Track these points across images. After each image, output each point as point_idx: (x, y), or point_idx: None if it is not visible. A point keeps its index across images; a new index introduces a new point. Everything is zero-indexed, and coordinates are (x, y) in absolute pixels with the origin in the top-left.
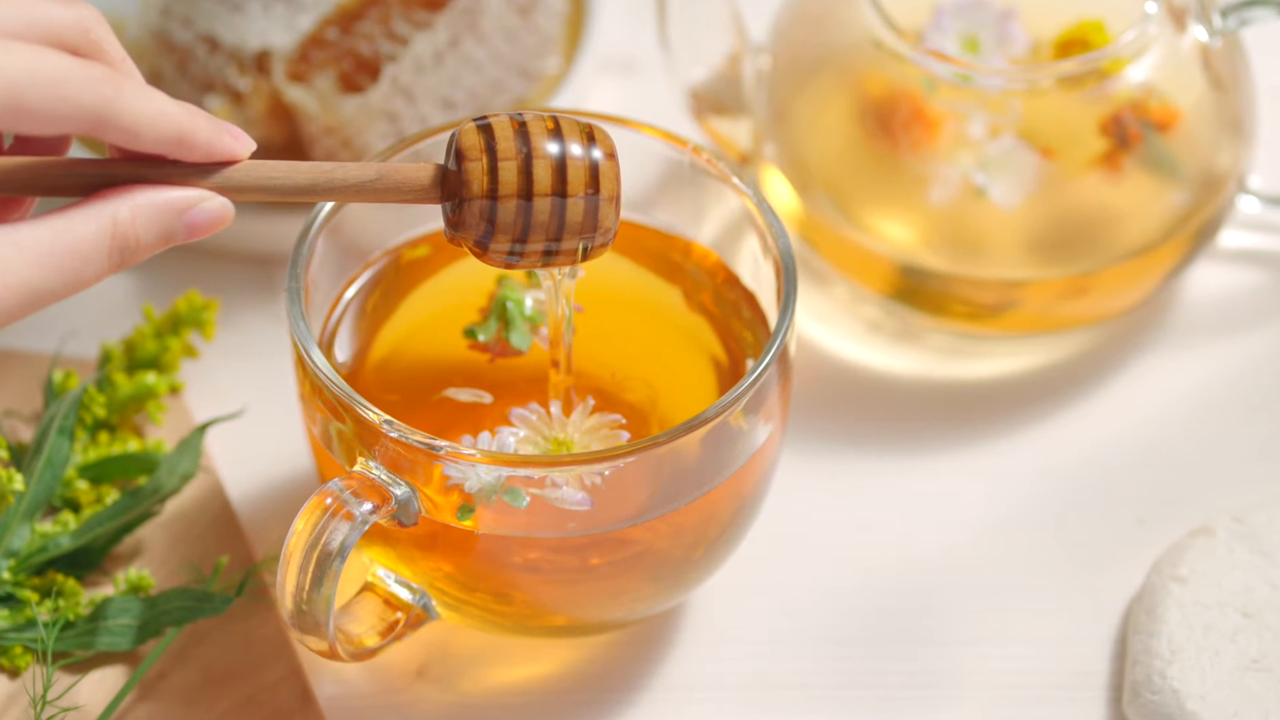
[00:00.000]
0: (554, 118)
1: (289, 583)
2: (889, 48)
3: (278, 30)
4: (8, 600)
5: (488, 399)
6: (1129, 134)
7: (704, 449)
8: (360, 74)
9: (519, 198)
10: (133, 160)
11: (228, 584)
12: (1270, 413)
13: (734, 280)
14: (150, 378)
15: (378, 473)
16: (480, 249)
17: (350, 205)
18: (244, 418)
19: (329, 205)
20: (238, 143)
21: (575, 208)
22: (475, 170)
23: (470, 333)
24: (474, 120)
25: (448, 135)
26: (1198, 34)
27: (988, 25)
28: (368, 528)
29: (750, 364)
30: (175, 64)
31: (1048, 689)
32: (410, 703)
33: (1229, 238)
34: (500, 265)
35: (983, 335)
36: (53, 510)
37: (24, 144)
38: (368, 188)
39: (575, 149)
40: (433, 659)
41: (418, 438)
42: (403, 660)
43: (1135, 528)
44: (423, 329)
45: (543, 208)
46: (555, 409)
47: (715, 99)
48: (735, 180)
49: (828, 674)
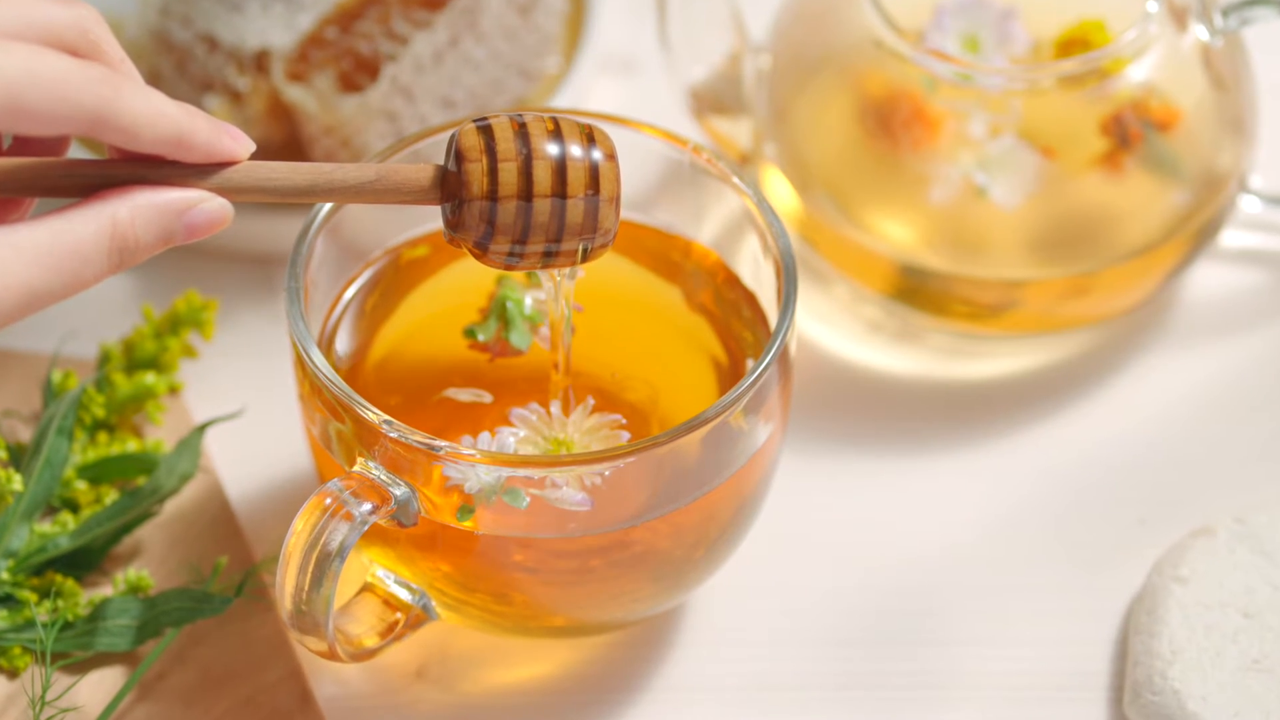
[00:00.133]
0: (554, 119)
1: (288, 583)
2: (889, 47)
3: (277, 29)
4: (6, 601)
5: (487, 399)
6: (1130, 133)
7: (704, 449)
8: (359, 73)
9: (519, 199)
10: (132, 161)
11: (227, 584)
12: (1271, 413)
13: (734, 280)
14: (149, 378)
15: (377, 473)
16: (480, 250)
17: (350, 205)
18: (243, 418)
19: (328, 205)
20: (237, 144)
21: (575, 209)
22: (475, 171)
23: (470, 333)
24: (474, 121)
25: (447, 135)
26: (1199, 33)
27: (988, 24)
28: (367, 528)
29: (750, 364)
30: (174, 63)
31: (1048, 689)
32: (410, 703)
33: (1230, 237)
34: (500, 266)
35: (983, 335)
36: (51, 510)
37: (23, 145)
38: (367, 189)
39: (575, 150)
40: (432, 660)
41: (417, 438)
42: (402, 661)
43: (1136, 528)
44: (422, 329)
45: (543, 209)
46: (555, 409)
47: (715, 98)
48: (735, 180)
49: (828, 674)
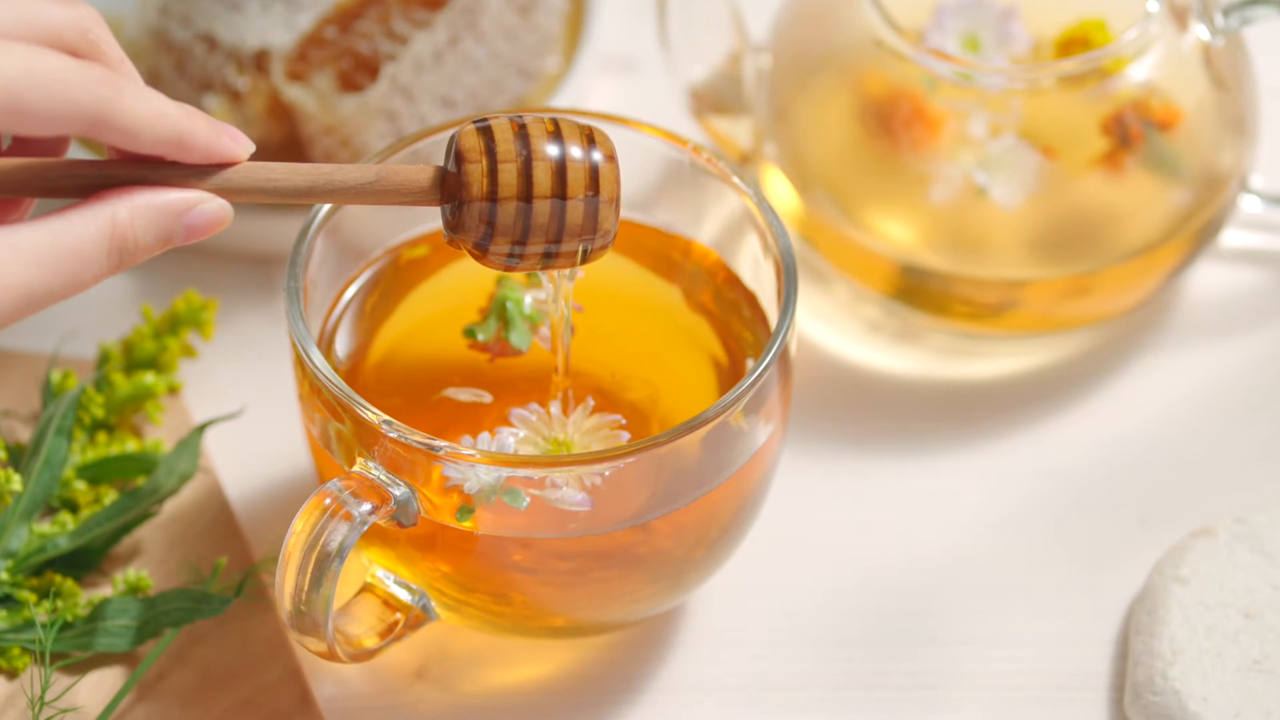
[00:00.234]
0: (554, 120)
1: (288, 583)
2: (890, 47)
3: (276, 29)
4: (6, 601)
5: (487, 399)
6: (1130, 133)
7: (704, 449)
8: (359, 73)
9: (519, 200)
10: (131, 161)
11: (226, 585)
12: (1272, 413)
13: (734, 280)
14: (149, 378)
15: (377, 473)
16: (480, 251)
17: (349, 205)
18: (243, 418)
19: (328, 205)
20: (236, 144)
21: (575, 210)
22: (475, 172)
23: (470, 332)
24: (474, 122)
25: (447, 135)
26: (1199, 33)
27: (989, 24)
28: (367, 528)
29: (750, 364)
30: (173, 63)
31: (1049, 690)
32: (409, 704)
33: (1231, 237)
34: (500, 267)
35: (983, 335)
36: (51, 511)
37: (22, 145)
38: (367, 190)
39: (575, 151)
40: (432, 660)
41: (417, 438)
42: (402, 661)
43: (1137, 528)
44: (422, 329)
45: (542, 210)
46: (555, 409)
47: (715, 98)
48: (735, 179)
49: (828, 674)
